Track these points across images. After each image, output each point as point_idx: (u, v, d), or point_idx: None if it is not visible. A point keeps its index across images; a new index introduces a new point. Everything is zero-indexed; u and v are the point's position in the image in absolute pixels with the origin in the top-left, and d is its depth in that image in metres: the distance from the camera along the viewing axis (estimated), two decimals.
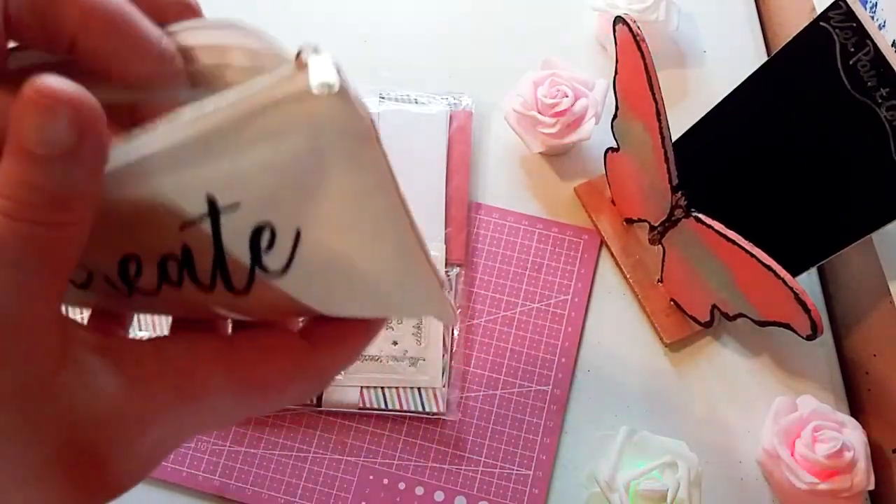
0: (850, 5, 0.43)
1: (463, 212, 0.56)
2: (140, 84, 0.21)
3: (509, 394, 0.52)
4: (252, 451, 0.50)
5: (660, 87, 0.45)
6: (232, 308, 0.22)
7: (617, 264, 0.56)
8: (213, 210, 0.19)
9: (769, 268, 0.43)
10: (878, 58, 0.43)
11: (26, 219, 0.18)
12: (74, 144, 0.18)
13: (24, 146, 0.18)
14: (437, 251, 0.54)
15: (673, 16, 0.61)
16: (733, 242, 0.44)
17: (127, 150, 0.18)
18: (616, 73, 0.50)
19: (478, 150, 0.60)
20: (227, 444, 0.50)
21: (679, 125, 0.53)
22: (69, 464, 0.19)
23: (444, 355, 0.51)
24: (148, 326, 0.50)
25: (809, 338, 0.44)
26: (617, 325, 0.54)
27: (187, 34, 0.22)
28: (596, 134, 0.55)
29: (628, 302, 0.55)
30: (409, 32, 0.65)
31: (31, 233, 0.18)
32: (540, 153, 0.59)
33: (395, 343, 0.51)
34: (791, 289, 0.42)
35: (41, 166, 0.18)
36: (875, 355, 0.52)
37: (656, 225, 0.52)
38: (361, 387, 0.50)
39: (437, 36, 0.65)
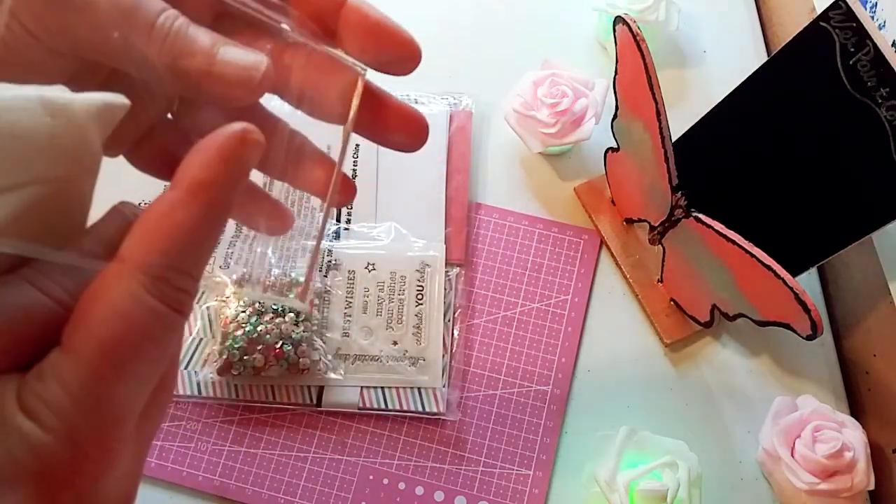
0: (850, 5, 0.43)
1: (463, 212, 0.56)
2: None
3: (509, 394, 0.52)
4: (252, 451, 0.50)
5: (660, 87, 0.45)
6: None
7: (617, 264, 0.56)
8: None
9: (769, 268, 0.43)
10: (878, 58, 0.43)
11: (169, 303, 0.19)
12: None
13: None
14: (437, 251, 0.54)
15: (673, 16, 0.61)
16: (733, 242, 0.44)
17: None
18: (616, 73, 0.50)
19: (478, 150, 0.60)
20: (227, 444, 0.50)
21: (679, 125, 0.53)
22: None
23: (444, 355, 0.51)
24: None
25: (809, 338, 0.44)
26: (617, 325, 0.54)
27: None
28: (596, 134, 0.55)
29: (628, 302, 0.55)
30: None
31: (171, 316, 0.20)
32: (540, 153, 0.59)
33: (395, 343, 0.51)
34: (791, 289, 0.42)
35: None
36: (875, 355, 0.52)
37: (656, 225, 0.52)
38: (361, 387, 0.50)
39: (437, 36, 0.65)
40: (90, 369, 0.19)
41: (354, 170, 0.57)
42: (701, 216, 0.47)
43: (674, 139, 0.46)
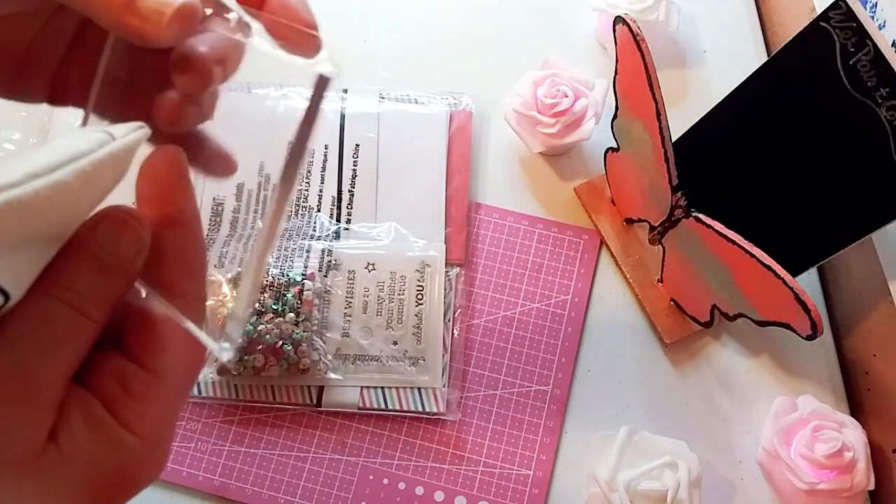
0: (850, 5, 0.43)
1: (463, 212, 0.56)
2: None
3: (509, 394, 0.52)
4: (252, 451, 0.50)
5: (660, 87, 0.45)
6: None
7: (617, 264, 0.56)
8: None
9: (769, 268, 0.43)
10: (878, 58, 0.43)
11: (78, 309, 0.21)
12: (132, 261, 0.22)
13: (96, 253, 0.21)
14: (437, 251, 0.54)
15: (673, 16, 0.61)
16: (733, 242, 0.44)
17: None
18: (616, 73, 0.50)
19: (478, 150, 0.60)
20: (227, 444, 0.50)
21: (679, 125, 0.53)
22: None
23: (444, 355, 0.51)
24: None
25: (809, 338, 0.44)
26: (617, 325, 0.54)
27: None
28: (596, 134, 0.55)
29: (628, 302, 0.55)
30: (410, 32, 0.65)
31: (77, 321, 0.21)
32: (540, 153, 0.59)
33: (395, 343, 0.51)
34: (791, 289, 0.42)
35: (104, 272, 0.22)
36: (875, 355, 0.52)
37: (656, 225, 0.52)
38: (361, 387, 0.50)
39: (437, 36, 0.65)
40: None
41: (354, 170, 0.57)
42: (701, 216, 0.47)
43: (674, 139, 0.46)
